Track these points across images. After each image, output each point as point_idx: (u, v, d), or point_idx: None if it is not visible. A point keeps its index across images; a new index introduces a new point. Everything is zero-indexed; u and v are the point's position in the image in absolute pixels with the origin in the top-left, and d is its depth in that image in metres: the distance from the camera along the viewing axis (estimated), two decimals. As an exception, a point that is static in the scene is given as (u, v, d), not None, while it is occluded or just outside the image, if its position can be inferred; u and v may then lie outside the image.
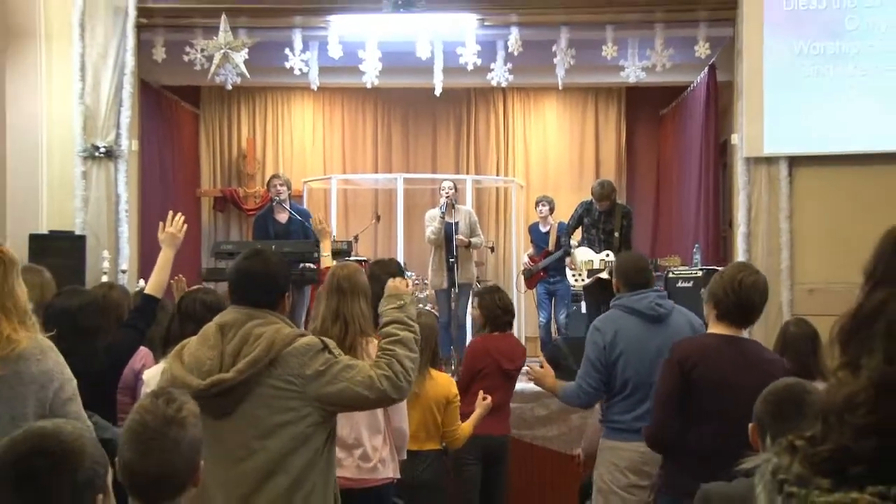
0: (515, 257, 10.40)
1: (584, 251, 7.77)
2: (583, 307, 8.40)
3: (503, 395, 5.06)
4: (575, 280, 7.95)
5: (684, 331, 3.94)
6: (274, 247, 6.35)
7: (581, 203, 7.95)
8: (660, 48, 8.08)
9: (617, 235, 7.60)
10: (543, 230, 8.91)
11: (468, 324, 8.66)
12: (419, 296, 8.42)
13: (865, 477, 1.03)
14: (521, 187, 11.07)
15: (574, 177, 11.35)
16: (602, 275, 7.58)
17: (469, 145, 11.60)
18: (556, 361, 4.75)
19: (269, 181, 8.13)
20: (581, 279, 7.83)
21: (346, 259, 6.48)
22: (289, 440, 2.65)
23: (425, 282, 8.52)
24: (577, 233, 8.00)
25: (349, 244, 7.63)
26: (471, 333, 8.76)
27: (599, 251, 7.67)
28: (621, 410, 4.02)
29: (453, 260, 7.90)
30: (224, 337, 2.69)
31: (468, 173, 11.12)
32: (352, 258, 7.20)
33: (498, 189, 11.54)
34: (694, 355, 3.32)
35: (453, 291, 7.99)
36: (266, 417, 2.64)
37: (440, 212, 8.12)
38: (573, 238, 7.96)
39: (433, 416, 4.29)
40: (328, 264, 4.70)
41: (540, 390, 5.26)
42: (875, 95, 7.48)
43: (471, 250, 8.33)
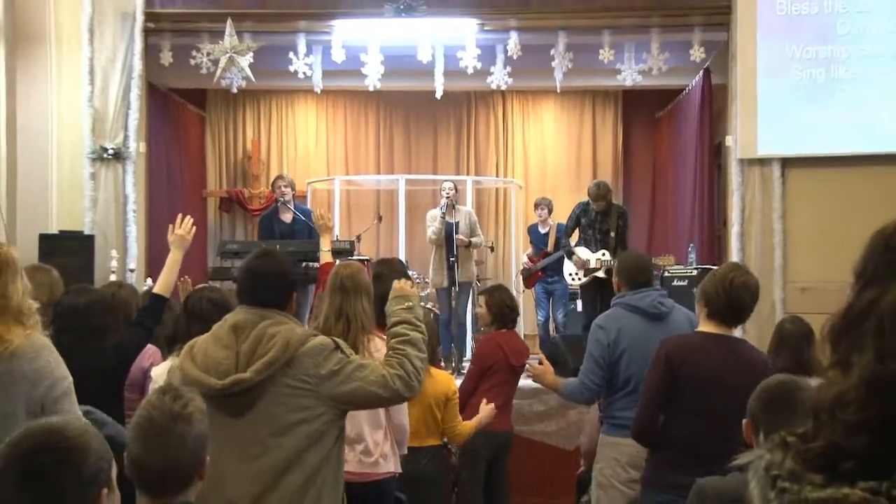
0: (515, 256, 10.40)
1: (581, 251, 7.77)
2: (579, 306, 8.41)
3: (510, 391, 5.07)
4: (572, 279, 7.96)
5: (684, 329, 3.93)
6: (279, 246, 6.35)
7: (578, 204, 7.96)
8: (656, 52, 8.08)
9: (613, 235, 7.60)
10: (542, 231, 8.91)
11: (468, 322, 8.66)
12: (420, 294, 8.41)
13: (857, 473, 1.03)
14: (520, 188, 11.06)
15: (572, 178, 11.34)
16: (599, 274, 7.58)
17: (469, 147, 11.59)
18: (555, 359, 4.74)
19: (274, 182, 8.13)
20: (578, 278, 7.83)
21: (349, 258, 6.47)
22: (303, 438, 2.65)
23: (426, 280, 8.52)
24: (575, 233, 8.00)
25: (352, 244, 7.61)
26: (471, 331, 8.78)
27: (596, 251, 7.67)
28: (623, 407, 4.01)
29: (454, 259, 7.90)
30: (238, 337, 2.68)
31: (468, 174, 11.11)
32: (354, 257, 7.20)
33: (497, 190, 11.53)
34: (682, 352, 3.32)
35: (454, 290, 7.98)
36: (281, 416, 2.63)
37: (441, 212, 8.12)
38: (570, 239, 7.97)
39: (433, 413, 4.29)
40: (327, 260, 4.65)
41: (538, 387, 5.26)
42: (866, 98, 7.48)
43: (471, 250, 8.33)
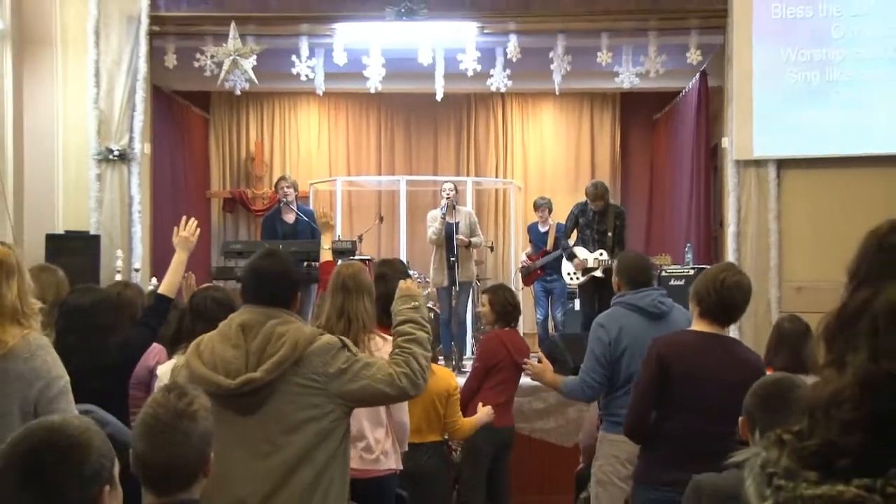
0: (514, 256, 10.39)
1: (579, 251, 7.77)
2: (577, 305, 8.40)
3: (513, 388, 5.08)
4: (570, 279, 7.95)
5: (684, 327, 3.93)
6: (281, 246, 6.35)
7: (576, 204, 7.96)
8: (653, 55, 8.08)
9: (610, 235, 7.59)
10: (542, 230, 8.90)
11: (468, 320, 8.66)
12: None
13: (851, 470, 1.03)
14: (520, 189, 11.06)
15: (570, 179, 11.34)
16: (596, 273, 7.58)
17: (469, 148, 11.59)
18: (553, 357, 4.74)
19: (277, 183, 8.12)
20: (576, 278, 7.83)
21: (351, 258, 6.47)
22: (313, 435, 2.64)
23: (427, 280, 8.52)
24: (573, 234, 7.99)
25: (353, 244, 7.61)
26: (471, 330, 8.78)
27: (593, 251, 7.67)
28: (623, 405, 3.98)
29: (454, 259, 7.90)
30: (246, 336, 2.67)
31: (468, 175, 11.10)
32: (356, 257, 7.19)
33: (497, 190, 11.53)
34: (673, 350, 3.32)
35: (454, 289, 7.98)
36: (291, 414, 2.63)
37: (441, 212, 8.11)
38: (569, 239, 7.96)
39: (436, 409, 4.28)
40: (327, 258, 4.64)
41: (537, 384, 5.25)
42: (860, 101, 7.48)
43: (471, 249, 8.32)
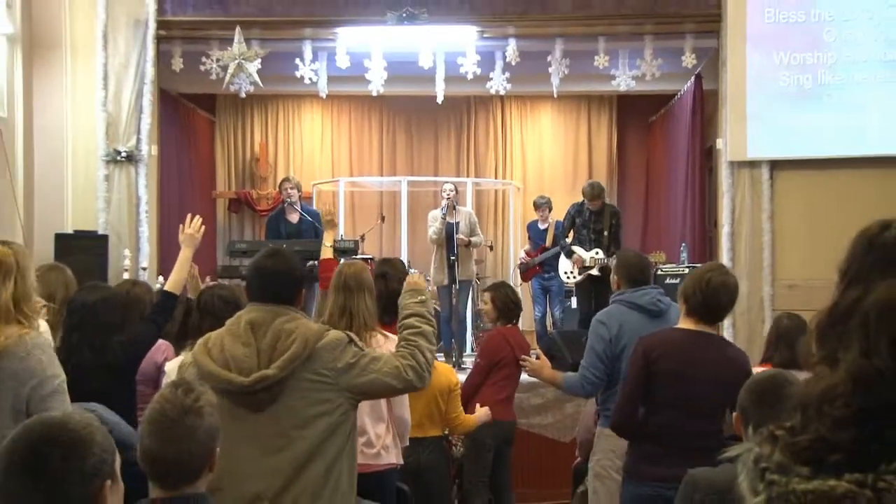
0: (513, 256, 10.39)
1: (579, 250, 7.76)
2: (574, 303, 8.39)
3: (515, 384, 5.10)
4: (567, 277, 7.95)
5: None
6: (285, 245, 6.35)
7: (573, 204, 7.95)
8: (649, 58, 8.07)
9: (606, 235, 7.59)
10: (542, 228, 8.89)
11: (468, 318, 8.66)
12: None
13: (843, 465, 1.03)
14: (519, 189, 11.06)
15: (568, 180, 11.33)
16: (593, 272, 7.58)
17: (469, 150, 11.59)
18: (551, 353, 4.73)
19: (281, 184, 8.12)
20: (574, 276, 7.83)
21: (353, 257, 6.47)
22: (324, 429, 2.64)
23: (428, 279, 8.51)
24: (570, 233, 7.99)
25: (356, 243, 7.61)
26: (471, 327, 8.78)
27: (590, 250, 7.67)
28: None
29: (454, 258, 7.90)
30: (255, 334, 2.66)
31: (468, 176, 11.10)
32: (358, 256, 7.19)
33: (496, 191, 11.53)
34: (658, 347, 3.31)
35: (454, 288, 7.98)
36: (302, 409, 2.62)
37: (442, 213, 8.11)
38: (566, 239, 7.95)
39: (438, 405, 4.28)
40: (327, 256, 4.63)
41: (535, 380, 5.25)
42: (852, 103, 7.47)
43: (471, 249, 8.32)
